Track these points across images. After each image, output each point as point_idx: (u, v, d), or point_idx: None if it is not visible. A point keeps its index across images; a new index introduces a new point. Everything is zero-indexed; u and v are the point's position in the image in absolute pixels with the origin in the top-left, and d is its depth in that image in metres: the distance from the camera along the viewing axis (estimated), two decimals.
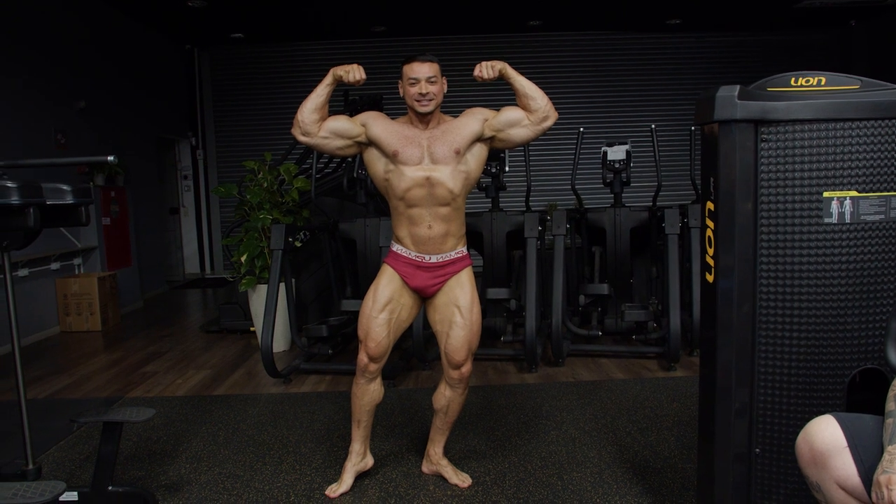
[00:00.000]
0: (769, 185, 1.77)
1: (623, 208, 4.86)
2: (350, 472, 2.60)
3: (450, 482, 2.63)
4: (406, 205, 2.44)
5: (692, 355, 4.32)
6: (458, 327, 2.48)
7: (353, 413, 2.58)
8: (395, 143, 2.43)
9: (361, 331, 2.50)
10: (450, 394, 2.58)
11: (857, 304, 1.76)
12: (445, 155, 2.43)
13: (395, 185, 2.44)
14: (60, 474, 2.81)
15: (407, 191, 2.42)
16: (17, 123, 5.50)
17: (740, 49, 9.20)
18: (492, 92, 9.11)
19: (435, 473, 2.70)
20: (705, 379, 1.94)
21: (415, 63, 2.42)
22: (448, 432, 2.68)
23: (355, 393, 2.55)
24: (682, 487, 2.51)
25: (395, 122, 2.50)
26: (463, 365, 2.52)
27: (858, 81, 1.75)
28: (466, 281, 2.55)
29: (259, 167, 4.92)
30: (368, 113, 2.54)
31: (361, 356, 2.50)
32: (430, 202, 2.43)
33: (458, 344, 2.49)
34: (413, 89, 2.40)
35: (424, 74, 2.40)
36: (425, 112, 2.42)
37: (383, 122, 2.48)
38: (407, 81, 2.41)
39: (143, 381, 4.24)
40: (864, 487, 1.32)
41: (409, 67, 2.42)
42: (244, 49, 9.13)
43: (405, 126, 2.48)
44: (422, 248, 2.47)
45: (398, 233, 2.52)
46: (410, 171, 2.41)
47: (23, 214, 1.83)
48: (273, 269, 4.10)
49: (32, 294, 5.56)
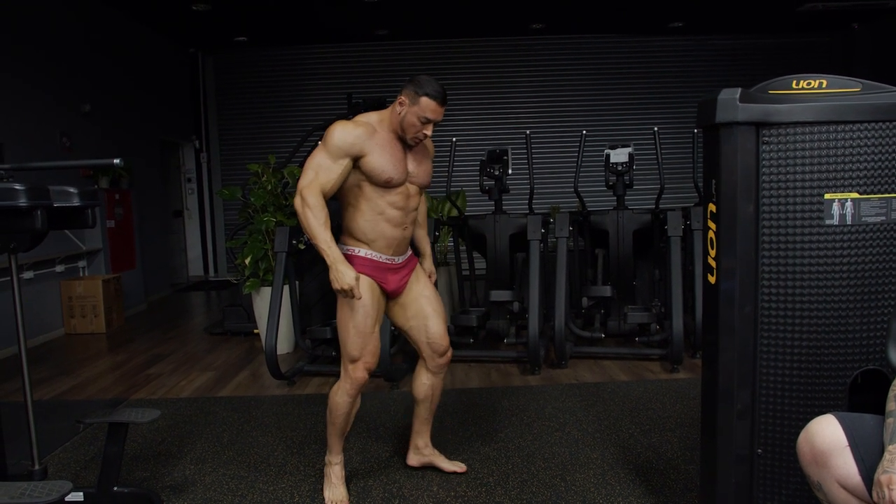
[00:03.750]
0: (771, 186, 1.78)
1: (626, 211, 4.87)
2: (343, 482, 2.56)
3: (446, 470, 2.70)
4: (387, 208, 2.38)
5: (695, 357, 4.33)
6: (434, 316, 2.55)
7: (339, 427, 2.48)
8: (390, 171, 2.33)
9: (355, 348, 2.37)
10: (433, 381, 2.64)
11: (859, 306, 1.77)
12: (423, 176, 2.46)
13: (372, 193, 2.36)
14: (66, 475, 2.82)
15: (383, 210, 2.38)
16: (23, 126, 5.53)
17: (742, 52, 9.21)
18: (484, 106, 9.16)
19: (425, 465, 2.74)
20: (707, 379, 1.95)
21: (437, 105, 2.30)
22: (432, 420, 2.74)
23: (346, 409, 2.44)
24: (685, 488, 2.52)
25: (382, 137, 2.35)
26: (447, 350, 2.59)
27: (860, 84, 1.76)
28: (422, 273, 2.62)
29: (263, 170, 4.94)
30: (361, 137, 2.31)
31: (359, 373, 2.38)
32: (407, 208, 2.44)
33: (440, 330, 2.56)
34: (423, 129, 2.33)
35: (439, 119, 2.35)
36: (413, 146, 2.41)
37: (379, 151, 2.32)
38: (420, 117, 2.30)
39: (148, 383, 4.26)
40: (865, 486, 1.32)
41: (432, 107, 2.29)
42: (248, 52, 9.17)
43: (392, 144, 2.37)
44: (394, 251, 2.45)
45: (368, 236, 2.40)
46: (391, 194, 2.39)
47: (30, 216, 1.85)
48: (277, 271, 4.11)
49: (37, 296, 5.58)
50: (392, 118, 2.36)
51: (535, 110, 9.23)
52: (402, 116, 2.32)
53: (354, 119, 2.38)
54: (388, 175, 2.33)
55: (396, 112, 2.34)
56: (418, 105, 2.29)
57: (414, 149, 2.43)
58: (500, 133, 8.95)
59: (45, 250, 5.56)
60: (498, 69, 9.17)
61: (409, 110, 2.30)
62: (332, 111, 8.48)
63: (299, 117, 9.13)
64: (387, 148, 2.34)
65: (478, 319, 4.55)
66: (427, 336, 2.55)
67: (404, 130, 2.34)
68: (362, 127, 2.32)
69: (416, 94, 2.29)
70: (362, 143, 2.29)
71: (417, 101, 2.29)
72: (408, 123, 2.32)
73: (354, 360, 2.39)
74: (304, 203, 2.24)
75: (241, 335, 5.53)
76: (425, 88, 2.28)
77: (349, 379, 2.40)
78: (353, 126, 2.31)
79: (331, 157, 2.28)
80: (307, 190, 2.25)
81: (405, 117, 2.32)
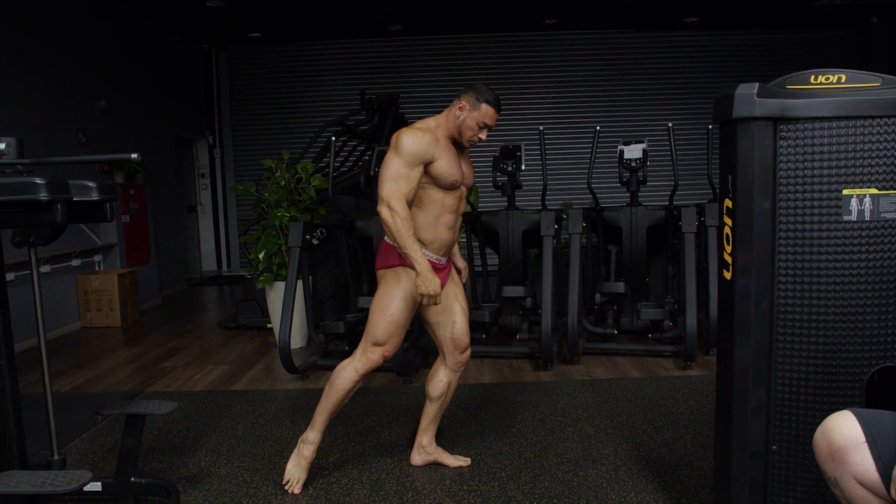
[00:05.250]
0: (788, 182, 1.77)
1: (639, 207, 4.85)
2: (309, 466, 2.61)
3: (451, 466, 2.73)
4: (443, 212, 2.50)
5: (708, 354, 4.31)
6: (461, 313, 2.64)
7: (334, 403, 2.53)
8: (455, 174, 2.46)
9: (384, 335, 2.46)
10: (451, 378, 2.69)
11: (876, 302, 1.76)
12: (471, 177, 2.61)
13: (434, 196, 2.47)
14: (84, 465, 2.86)
15: (441, 214, 2.50)
16: (39, 120, 5.59)
17: (758, 48, 9.13)
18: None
19: (429, 463, 2.77)
20: (722, 375, 1.95)
21: (495, 112, 2.47)
22: (440, 419, 2.80)
23: (350, 386, 2.51)
24: (699, 485, 2.51)
25: (444, 142, 2.47)
26: (468, 347, 2.67)
27: (879, 79, 1.74)
28: (454, 272, 2.72)
29: (277, 165, 4.96)
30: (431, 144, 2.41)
31: (376, 357, 2.48)
32: (459, 211, 2.57)
33: (465, 327, 2.64)
34: (480, 133, 2.48)
35: (494, 126, 2.51)
36: (468, 147, 2.55)
37: (445, 155, 2.44)
38: (479, 122, 2.45)
39: (163, 376, 4.30)
40: (882, 483, 1.32)
41: (491, 113, 2.46)
42: (261, 48, 9.21)
43: (451, 148, 2.49)
44: (444, 252, 2.57)
45: (426, 238, 2.49)
46: (451, 196, 2.53)
47: (51, 210, 1.87)
48: (290, 266, 4.13)
49: (54, 290, 5.65)
50: (449, 123, 2.48)
51: (549, 106, 9.20)
52: (462, 121, 2.46)
53: (417, 127, 2.47)
54: (454, 178, 2.45)
55: (455, 116, 2.47)
56: (479, 111, 2.44)
57: (464, 154, 2.59)
58: (514, 129, 8.93)
59: (61, 245, 5.62)
60: (511, 65, 9.15)
61: (469, 115, 2.45)
62: (345, 107, 8.50)
63: (312, 113, 9.16)
64: (449, 152, 2.47)
65: (490, 315, 4.55)
66: (452, 332, 2.63)
67: (461, 134, 2.48)
68: (429, 134, 2.42)
69: (476, 101, 2.44)
70: (433, 150, 2.40)
71: (478, 107, 2.44)
72: (466, 127, 2.46)
73: (379, 343, 2.47)
74: (394, 213, 2.33)
75: (255, 330, 5.56)
76: (486, 95, 2.44)
77: (365, 358, 2.48)
78: (421, 133, 2.40)
79: (406, 165, 2.37)
80: (395, 200, 2.33)
81: (464, 121, 2.45)
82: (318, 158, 6.32)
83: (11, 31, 5.35)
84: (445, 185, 2.45)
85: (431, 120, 2.52)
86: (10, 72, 5.31)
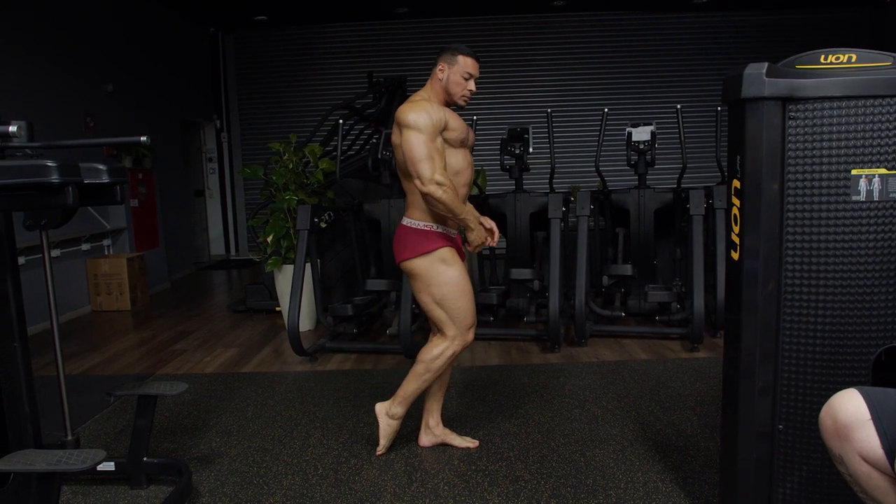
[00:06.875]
0: (796, 162, 1.76)
1: (647, 189, 4.84)
2: None
3: (459, 447, 2.77)
4: (458, 183, 2.50)
5: (716, 337, 4.31)
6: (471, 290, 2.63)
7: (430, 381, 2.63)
8: (463, 129, 2.52)
9: (471, 315, 2.56)
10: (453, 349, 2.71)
11: (884, 283, 1.75)
12: (472, 135, 2.62)
13: (451, 164, 2.48)
14: (96, 445, 2.90)
15: (459, 171, 2.51)
16: (48, 104, 5.61)
17: (768, 28, 9.02)
18: (505, 83, 9.07)
19: (437, 444, 2.80)
20: (729, 356, 1.95)
21: (475, 61, 2.50)
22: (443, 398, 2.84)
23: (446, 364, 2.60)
24: (705, 465, 2.53)
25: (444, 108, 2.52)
26: (474, 324, 2.65)
27: (891, 58, 1.73)
28: None
29: (284, 148, 4.97)
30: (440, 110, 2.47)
31: (471, 336, 2.59)
32: (469, 183, 2.59)
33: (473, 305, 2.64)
34: (467, 85, 2.50)
35: (477, 76, 2.52)
36: (463, 106, 2.56)
37: (451, 115, 2.50)
38: (462, 74, 2.49)
39: (173, 359, 4.34)
40: (888, 460, 1.33)
41: (470, 62, 2.49)
42: (268, 32, 9.17)
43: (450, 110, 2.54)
44: (456, 225, 2.59)
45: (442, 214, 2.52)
46: (462, 152, 2.54)
47: (62, 193, 1.88)
48: (299, 249, 4.15)
49: (65, 274, 5.70)
50: (437, 89, 2.52)
51: (557, 88, 9.14)
52: (447, 80, 2.50)
53: (416, 101, 2.48)
54: (462, 134, 2.51)
55: (438, 80, 2.51)
56: (458, 64, 2.48)
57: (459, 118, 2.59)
58: (521, 111, 8.89)
59: (71, 229, 5.66)
60: (519, 46, 9.08)
61: (451, 71, 2.49)
62: (352, 90, 8.47)
63: (320, 96, 9.13)
64: (450, 111, 2.52)
65: (498, 297, 4.57)
66: None
67: (451, 93, 2.51)
68: (433, 102, 2.48)
69: (453, 56, 2.49)
70: (443, 114, 2.46)
71: (456, 61, 2.49)
72: (453, 83, 2.50)
73: (471, 326, 2.58)
74: (444, 187, 2.36)
75: (263, 313, 5.60)
76: (459, 49, 2.49)
77: (462, 342, 2.56)
78: (428, 105, 2.45)
79: (431, 139, 2.40)
80: (440, 175, 2.38)
81: (449, 79, 2.49)
82: (326, 142, 6.32)
83: (21, 14, 5.35)
84: (456, 142, 2.49)
85: (422, 92, 2.54)
86: (20, 56, 5.32)
